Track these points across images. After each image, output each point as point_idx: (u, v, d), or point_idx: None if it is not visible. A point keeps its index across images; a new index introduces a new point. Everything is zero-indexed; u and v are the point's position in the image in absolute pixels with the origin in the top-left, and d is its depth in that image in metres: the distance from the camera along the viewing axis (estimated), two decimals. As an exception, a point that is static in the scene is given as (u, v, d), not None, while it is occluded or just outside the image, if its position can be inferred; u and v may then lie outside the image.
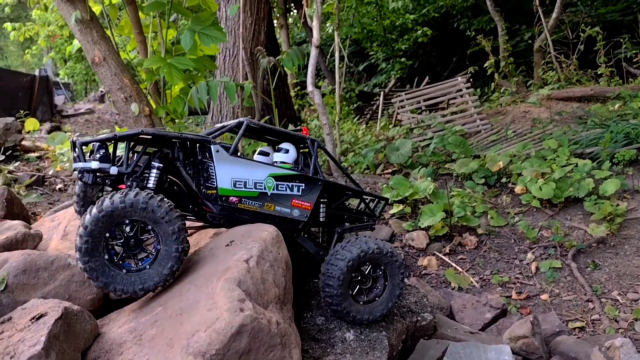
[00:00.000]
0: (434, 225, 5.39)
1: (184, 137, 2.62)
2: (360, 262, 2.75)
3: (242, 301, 1.93)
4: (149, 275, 2.27)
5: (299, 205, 2.86)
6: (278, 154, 3.06)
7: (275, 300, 2.18)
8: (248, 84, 5.40)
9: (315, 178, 2.92)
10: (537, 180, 5.77)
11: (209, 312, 1.88)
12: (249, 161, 2.80)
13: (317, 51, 5.47)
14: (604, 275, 4.56)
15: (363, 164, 8.11)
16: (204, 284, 2.10)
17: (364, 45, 20.72)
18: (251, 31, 9.75)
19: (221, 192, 2.65)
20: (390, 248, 2.85)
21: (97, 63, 6.06)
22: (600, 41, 11.40)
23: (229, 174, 2.66)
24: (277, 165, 2.90)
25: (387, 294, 2.86)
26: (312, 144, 3.02)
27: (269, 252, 2.29)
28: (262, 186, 2.74)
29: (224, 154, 2.65)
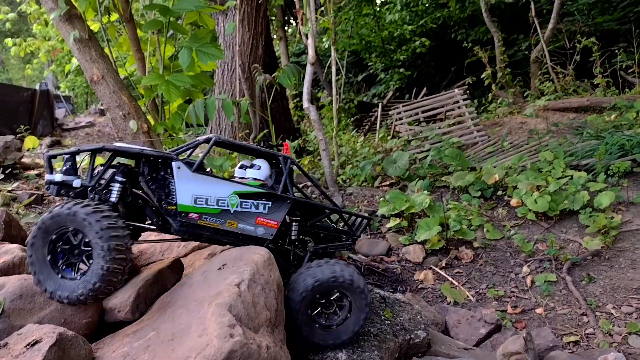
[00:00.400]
0: (430, 239, 5.43)
1: (145, 153, 2.67)
2: (318, 292, 2.74)
3: (232, 326, 1.97)
4: (75, 286, 2.37)
5: (263, 223, 2.85)
6: (250, 170, 3.07)
7: (266, 324, 2.22)
8: (245, 101, 5.46)
9: (283, 196, 2.90)
10: (533, 193, 5.81)
11: (199, 338, 1.92)
12: (213, 178, 2.80)
13: (312, 68, 5.54)
14: (599, 289, 4.58)
15: (361, 176, 8.16)
16: (196, 308, 2.14)
17: (363, 56, 20.86)
18: (249, 45, 9.86)
19: (181, 208, 2.68)
20: (350, 275, 2.78)
21: (96, 81, 6.13)
22: (596, 52, 11.47)
23: (190, 191, 2.68)
24: (242, 183, 2.89)
25: (353, 319, 2.83)
26: (284, 161, 2.99)
27: (260, 275, 2.33)
28: (224, 203, 2.75)
29: (186, 171, 2.68)
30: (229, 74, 10.42)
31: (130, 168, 2.72)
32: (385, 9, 19.68)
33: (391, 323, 3.10)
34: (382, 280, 5.02)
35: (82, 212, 2.34)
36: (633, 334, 3.92)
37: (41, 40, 14.50)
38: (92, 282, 2.33)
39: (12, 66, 39.41)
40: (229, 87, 10.40)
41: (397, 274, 5.17)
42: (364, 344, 2.78)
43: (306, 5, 5.91)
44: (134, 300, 2.49)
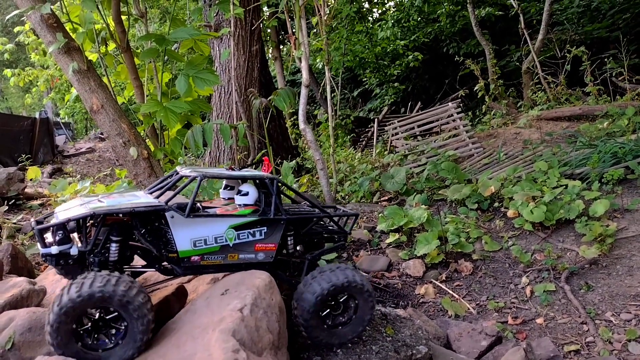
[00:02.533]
0: (430, 253, 5.50)
1: (137, 212, 2.63)
2: (332, 294, 2.83)
3: (237, 351, 2.04)
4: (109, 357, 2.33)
5: (262, 249, 2.91)
6: (238, 198, 3.07)
7: (269, 346, 2.29)
8: (242, 124, 5.57)
9: (277, 219, 2.92)
10: (528, 203, 5.90)
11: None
12: (207, 217, 2.78)
13: (306, 90, 5.66)
14: (597, 297, 4.65)
15: (359, 192, 8.25)
16: (200, 335, 2.21)
17: (357, 72, 21.08)
18: (244, 68, 10.03)
19: (182, 255, 2.70)
20: (360, 279, 2.91)
21: (96, 110, 6.26)
22: (586, 60, 11.64)
23: (188, 236, 2.70)
24: (235, 215, 2.89)
25: (358, 320, 2.97)
26: (270, 183, 2.98)
27: (262, 299, 2.41)
28: (222, 239, 2.78)
29: (180, 218, 2.67)
30: (226, 97, 10.58)
31: (124, 223, 2.70)
32: (377, 25, 19.95)
33: (393, 339, 3.16)
34: (383, 296, 5.08)
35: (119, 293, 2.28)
36: (633, 340, 3.97)
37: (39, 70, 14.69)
38: (129, 354, 2.33)
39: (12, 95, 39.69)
40: (227, 109, 10.54)
41: (398, 289, 5.23)
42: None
43: (298, 30, 6.04)
44: (140, 329, 2.56)
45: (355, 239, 6.25)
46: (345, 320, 2.98)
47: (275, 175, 3.08)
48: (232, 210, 2.95)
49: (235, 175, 2.99)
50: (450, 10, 17.80)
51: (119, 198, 2.83)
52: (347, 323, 2.97)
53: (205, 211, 2.96)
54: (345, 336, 2.94)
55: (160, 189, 3.00)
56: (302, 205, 3.45)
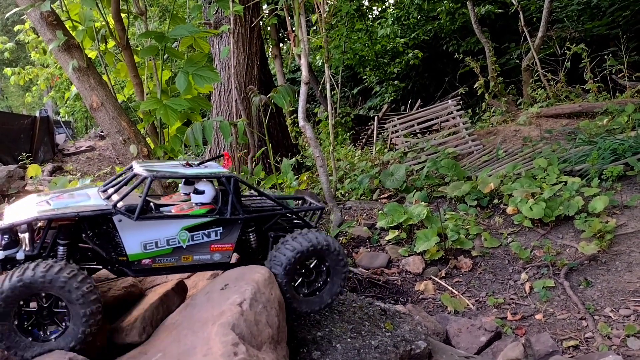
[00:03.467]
0: (429, 250, 5.51)
1: (81, 216, 2.53)
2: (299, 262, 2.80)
3: (236, 345, 2.05)
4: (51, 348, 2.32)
5: (218, 249, 2.82)
6: (194, 196, 2.91)
7: (269, 341, 2.30)
8: (241, 122, 5.57)
9: (234, 219, 2.81)
10: (528, 200, 5.91)
11: (204, 357, 2.00)
12: (158, 219, 2.67)
13: (306, 87, 5.66)
14: (597, 293, 4.66)
15: (359, 190, 8.26)
16: (200, 329, 2.22)
17: (357, 70, 21.07)
18: (244, 66, 10.03)
19: (132, 258, 2.62)
20: (325, 240, 2.85)
21: (95, 108, 6.26)
22: (586, 58, 11.64)
23: (138, 239, 2.61)
24: (189, 215, 2.78)
25: (333, 282, 2.95)
26: (227, 181, 2.82)
27: (261, 294, 2.42)
28: (175, 241, 2.68)
29: (128, 221, 2.55)
30: (226, 94, 10.58)
31: (71, 225, 2.60)
32: (377, 23, 19.94)
33: (392, 335, 3.17)
34: (383, 293, 5.09)
35: (60, 279, 2.27)
36: (631, 336, 3.98)
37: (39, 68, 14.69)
38: (70, 345, 2.32)
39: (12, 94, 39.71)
40: (226, 107, 10.55)
41: (397, 285, 5.24)
42: (366, 356, 2.85)
43: (298, 27, 6.05)
44: (140, 323, 2.57)
45: (355, 235, 6.27)
46: (321, 284, 2.96)
47: (233, 173, 2.93)
48: (187, 210, 2.86)
49: (189, 174, 2.84)
50: (450, 8, 17.79)
51: (68, 199, 2.73)
52: (323, 287, 2.95)
53: (158, 211, 2.87)
54: (324, 300, 2.93)
55: (115, 186, 2.88)
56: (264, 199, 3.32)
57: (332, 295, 2.97)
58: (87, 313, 2.34)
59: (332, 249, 2.88)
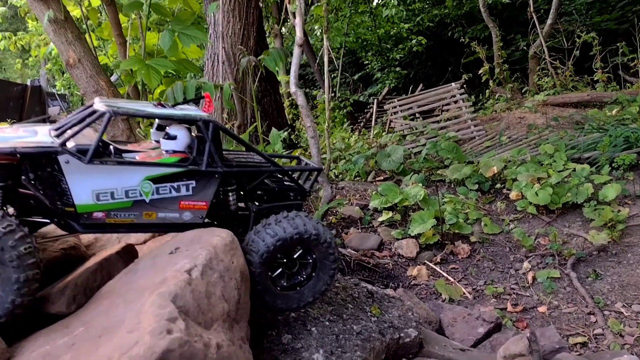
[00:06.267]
0: (425, 233, 5.09)
1: (19, 152, 2.11)
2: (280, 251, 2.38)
3: (173, 320, 1.62)
4: None
5: (189, 207, 2.36)
6: (164, 142, 2.47)
7: (222, 318, 1.87)
8: (227, 85, 5.11)
9: (210, 171, 2.37)
10: (533, 185, 5.48)
11: (129, 334, 1.57)
12: (117, 166, 2.25)
13: (300, 50, 5.20)
14: (606, 286, 4.25)
15: (353, 171, 7.83)
16: (135, 298, 1.79)
17: (359, 55, 20.61)
18: (240, 36, 9.47)
19: (81, 210, 2.19)
20: (314, 228, 2.41)
21: (72, 65, 5.80)
22: (596, 46, 11.19)
23: (89, 187, 2.18)
24: (155, 163, 2.35)
25: (319, 277, 2.51)
26: (205, 126, 2.39)
27: (219, 261, 1.98)
28: (136, 193, 2.24)
29: (78, 164, 2.14)
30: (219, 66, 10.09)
31: (11, 166, 2.19)
32: (382, 6, 19.42)
33: (378, 320, 2.75)
34: (372, 276, 4.67)
35: None
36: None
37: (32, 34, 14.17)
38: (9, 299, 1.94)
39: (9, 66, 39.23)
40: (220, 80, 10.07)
41: (388, 269, 4.82)
42: (345, 342, 2.43)
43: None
44: (70, 292, 2.13)
45: (345, 215, 5.84)
46: (304, 279, 2.51)
47: (212, 117, 2.48)
48: (154, 157, 2.42)
49: (159, 113, 2.42)
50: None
51: (10, 134, 2.31)
52: (306, 282, 2.51)
53: (118, 156, 2.43)
54: (304, 298, 2.48)
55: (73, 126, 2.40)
56: (253, 155, 2.88)
57: (314, 294, 2.52)
58: (20, 279, 1.94)
59: (322, 239, 2.44)
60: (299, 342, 2.35)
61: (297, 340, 2.36)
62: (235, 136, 2.73)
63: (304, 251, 2.48)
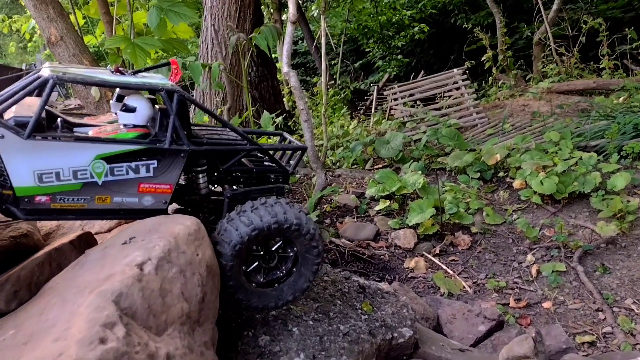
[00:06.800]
0: (423, 223, 4.83)
1: None
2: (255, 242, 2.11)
3: (110, 326, 1.36)
4: None
5: (150, 191, 2.08)
6: (122, 115, 2.17)
7: (180, 321, 1.61)
8: (216, 64, 4.83)
9: (175, 149, 2.08)
10: (538, 173, 5.20)
11: (54, 343, 1.31)
12: (61, 142, 1.95)
13: (293, 27, 4.90)
14: (615, 281, 3.99)
15: (350, 158, 7.56)
16: (73, 298, 1.52)
17: (360, 42, 20.30)
18: (235, 18, 9.20)
19: (20, 193, 1.90)
20: (296, 217, 2.14)
21: (54, 42, 5.52)
22: (603, 31, 10.86)
23: (29, 166, 1.89)
24: (109, 139, 2.05)
25: (300, 273, 2.25)
26: (168, 97, 2.10)
27: (179, 253, 1.71)
28: (86, 174, 1.96)
29: (14, 139, 1.85)
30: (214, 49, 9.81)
31: None
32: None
33: (369, 318, 2.49)
34: (367, 268, 4.42)
35: None
36: (658, 333, 3.33)
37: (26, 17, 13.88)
38: None
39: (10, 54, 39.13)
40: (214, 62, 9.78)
41: (384, 261, 4.57)
42: (330, 345, 2.17)
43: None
44: (11, 287, 1.86)
45: (341, 204, 5.58)
46: (283, 274, 2.24)
47: (177, 87, 2.14)
48: (110, 133, 2.12)
49: (114, 81, 2.12)
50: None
51: None
52: (285, 278, 2.24)
53: (66, 131, 2.13)
54: (283, 296, 2.21)
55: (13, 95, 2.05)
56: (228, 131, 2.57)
57: (295, 291, 2.25)
58: None
59: (305, 230, 2.16)
60: (278, 345, 2.09)
61: (276, 342, 2.10)
62: (206, 109, 2.43)
63: (284, 243, 2.21)
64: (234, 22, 9.17)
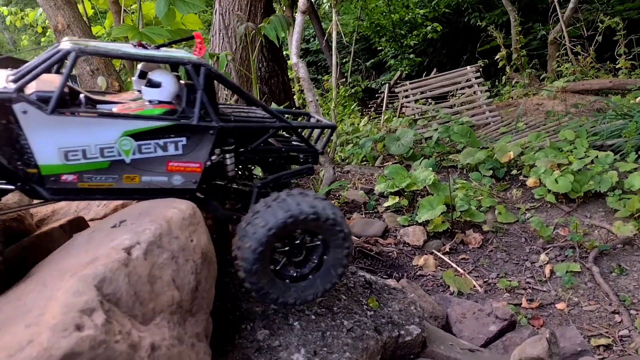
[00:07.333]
0: (433, 220, 4.70)
1: None
2: (288, 229, 2.00)
3: (88, 312, 1.25)
4: None
5: (180, 169, 1.99)
6: (146, 90, 2.08)
7: (170, 310, 1.51)
8: (224, 54, 4.73)
9: (204, 126, 1.99)
10: (553, 172, 5.06)
11: (26, 329, 1.21)
12: (87, 118, 1.86)
13: (303, 17, 4.80)
14: (632, 282, 3.84)
15: (360, 154, 7.44)
16: (54, 282, 1.42)
17: (373, 40, 20.18)
18: (246, 12, 9.11)
19: (46, 171, 1.82)
20: (332, 211, 2.05)
21: (60, 31, 5.45)
22: (620, 30, 10.65)
23: (54, 143, 1.81)
24: (136, 115, 1.97)
25: (324, 272, 2.13)
26: (195, 71, 2.00)
27: (172, 238, 1.60)
28: (113, 152, 1.87)
29: (38, 115, 1.77)
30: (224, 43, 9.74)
31: None
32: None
33: (375, 315, 2.38)
34: (374, 265, 4.31)
35: None
36: (677, 337, 3.18)
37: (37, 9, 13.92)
38: None
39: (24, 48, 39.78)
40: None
41: (392, 258, 4.45)
42: (333, 341, 2.06)
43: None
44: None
45: (349, 200, 5.46)
46: (307, 271, 2.11)
47: (204, 60, 2.05)
48: (135, 109, 2.01)
49: (138, 54, 2.02)
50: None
51: None
52: (309, 275, 2.11)
53: (90, 107, 2.02)
54: (304, 294, 2.08)
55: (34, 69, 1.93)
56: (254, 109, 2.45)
57: (316, 291, 2.12)
58: None
59: (338, 226, 2.04)
60: (277, 339, 1.98)
61: (276, 336, 2.00)
62: (234, 85, 2.32)
63: (312, 238, 2.10)
64: (245, 15, 9.10)
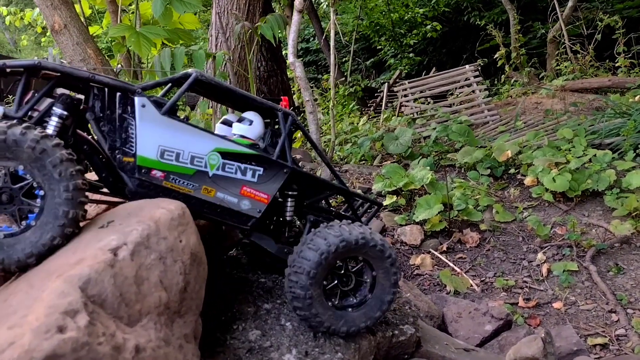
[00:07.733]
0: (431, 219, 4.69)
1: (97, 79, 1.93)
2: (339, 255, 2.08)
3: (72, 314, 1.24)
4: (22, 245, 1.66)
5: (251, 196, 2.14)
6: (237, 125, 2.33)
7: (157, 311, 1.49)
8: (221, 53, 4.72)
9: (280, 163, 2.20)
10: (551, 170, 5.05)
11: (9, 330, 1.20)
12: (190, 127, 2.05)
13: (299, 16, 4.79)
14: (630, 281, 3.83)
15: (359, 154, 7.44)
16: (40, 283, 1.41)
17: (372, 39, 20.16)
18: (244, 12, 9.09)
19: (141, 162, 1.95)
20: (381, 240, 2.16)
21: (57, 30, 5.44)
22: (620, 28, 10.63)
23: (156, 139, 1.97)
24: (229, 139, 2.16)
25: (374, 300, 2.19)
26: (284, 118, 2.28)
27: (160, 239, 1.59)
28: (202, 162, 2.03)
29: (153, 112, 1.96)
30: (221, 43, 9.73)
31: (75, 100, 1.98)
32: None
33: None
34: (371, 265, 4.29)
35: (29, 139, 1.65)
36: (674, 337, 3.18)
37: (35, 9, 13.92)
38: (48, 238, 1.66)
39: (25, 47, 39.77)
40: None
41: (389, 257, 4.44)
42: (324, 341, 2.05)
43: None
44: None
45: (346, 199, 5.45)
46: (357, 301, 2.19)
47: (292, 112, 2.32)
48: None
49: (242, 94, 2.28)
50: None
51: None
52: (360, 305, 2.18)
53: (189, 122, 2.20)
54: (355, 322, 2.15)
55: None
56: None
57: (367, 320, 2.19)
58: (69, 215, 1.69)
59: (387, 254, 2.16)
60: (269, 340, 1.97)
61: (267, 337, 1.99)
62: (311, 140, 2.63)
63: (362, 265, 2.20)
64: (243, 15, 9.09)
